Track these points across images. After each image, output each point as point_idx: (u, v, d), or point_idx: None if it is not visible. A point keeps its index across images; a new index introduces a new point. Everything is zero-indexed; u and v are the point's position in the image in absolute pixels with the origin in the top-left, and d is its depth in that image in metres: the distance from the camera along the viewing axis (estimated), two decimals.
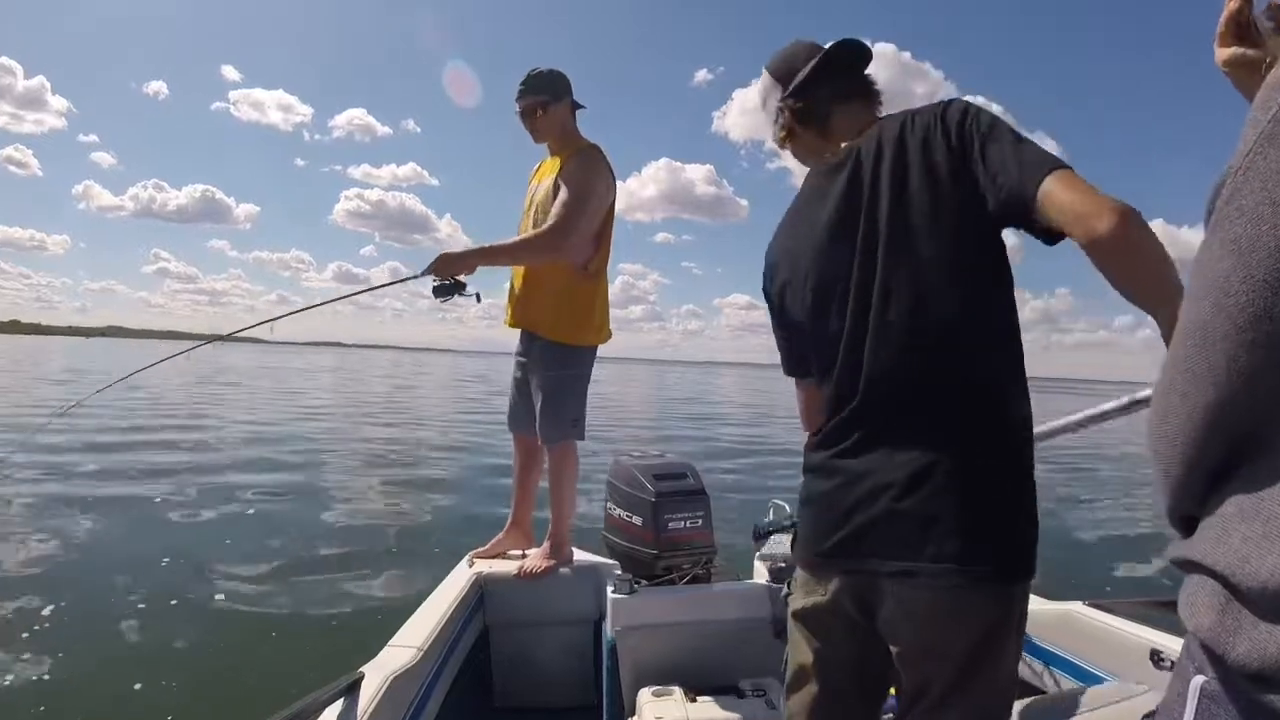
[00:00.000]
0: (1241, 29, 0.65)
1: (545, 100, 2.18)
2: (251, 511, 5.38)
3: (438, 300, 2.03)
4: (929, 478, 0.88)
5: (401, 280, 2.19)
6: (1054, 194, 0.82)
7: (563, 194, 2.08)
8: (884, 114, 1.09)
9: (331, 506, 5.77)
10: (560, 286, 2.16)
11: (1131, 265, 0.78)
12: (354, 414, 13.63)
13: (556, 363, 2.16)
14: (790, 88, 1.12)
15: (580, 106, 2.27)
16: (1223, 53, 0.66)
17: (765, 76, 1.17)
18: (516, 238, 2.12)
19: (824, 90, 1.09)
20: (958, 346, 0.91)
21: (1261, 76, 0.64)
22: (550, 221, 2.05)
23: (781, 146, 1.18)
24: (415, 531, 5.20)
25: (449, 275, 2.03)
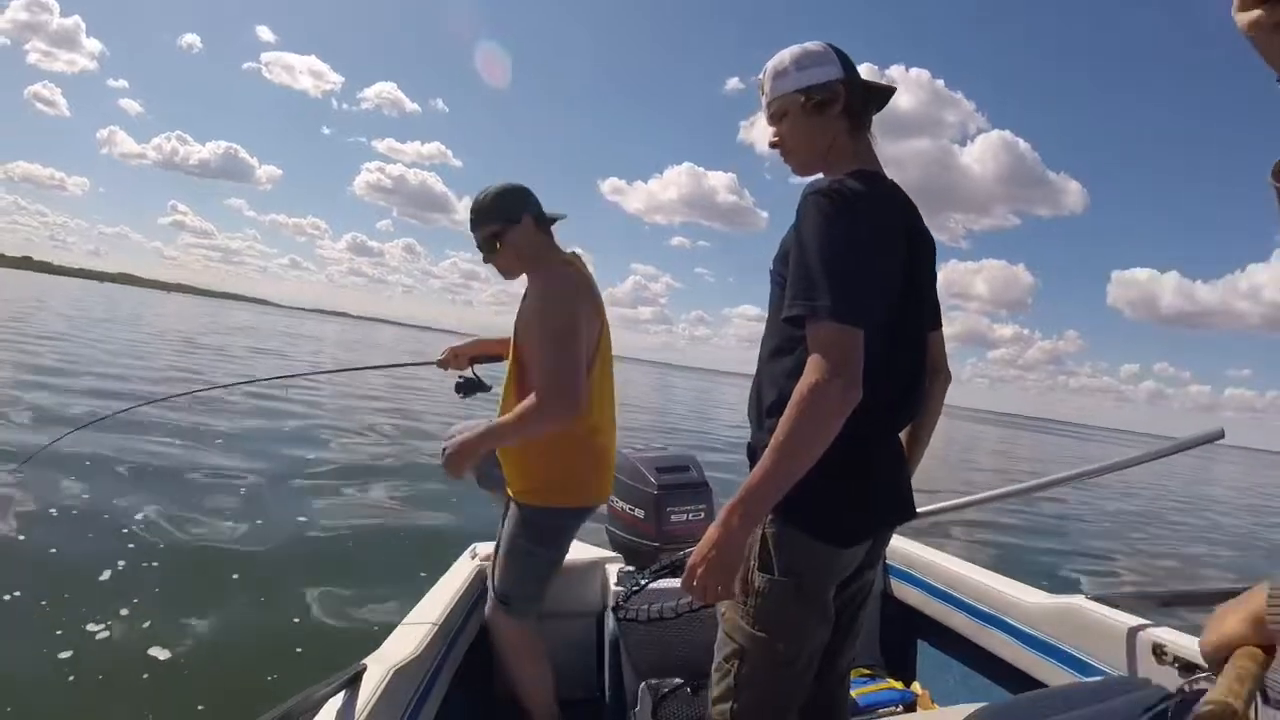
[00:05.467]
0: None
1: (498, 229, 1.79)
2: (248, 500, 5.32)
3: (459, 396, 2.10)
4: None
5: (418, 364, 2.30)
6: None
7: (537, 344, 1.69)
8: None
9: (332, 496, 5.70)
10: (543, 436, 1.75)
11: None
12: (353, 396, 13.55)
13: (521, 531, 1.78)
14: (856, 75, 1.17)
15: (553, 220, 1.85)
16: (1246, 16, 0.57)
17: (825, 48, 1.17)
18: (515, 412, 1.68)
19: (873, 106, 1.20)
20: None
21: None
22: (539, 385, 1.65)
23: (807, 111, 1.15)
24: (418, 523, 5.17)
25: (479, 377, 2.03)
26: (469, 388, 2.07)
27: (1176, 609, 1.60)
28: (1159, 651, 1.42)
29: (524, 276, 1.85)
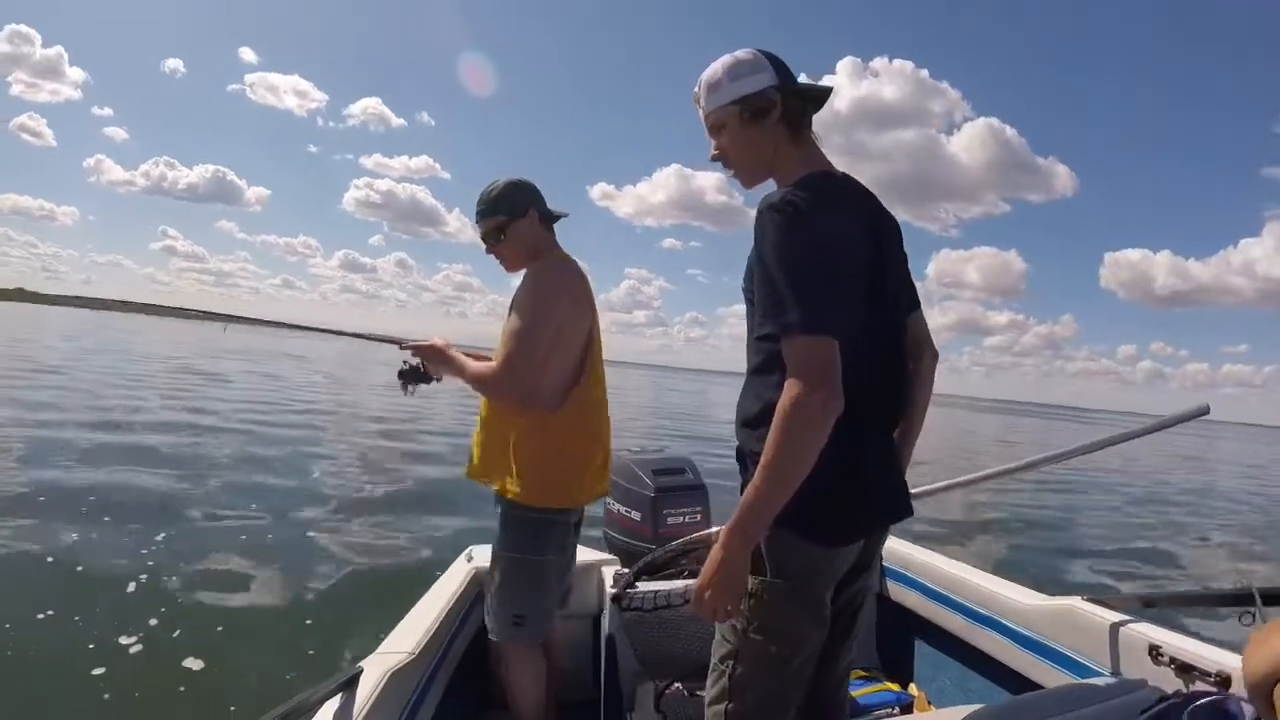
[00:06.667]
0: None
1: (503, 221, 1.82)
2: (250, 506, 5.34)
3: (399, 382, 1.97)
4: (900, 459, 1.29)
5: (385, 340, 2.15)
6: None
7: (509, 322, 1.73)
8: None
9: (329, 503, 5.74)
10: (521, 428, 1.76)
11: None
12: (350, 404, 13.57)
13: (514, 536, 1.77)
14: (791, 83, 1.17)
15: (556, 218, 1.91)
16: None
17: (756, 55, 1.16)
18: (479, 368, 1.78)
19: (810, 109, 1.18)
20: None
21: None
22: (498, 357, 1.72)
23: (745, 121, 1.15)
24: (414, 526, 5.21)
25: (427, 366, 1.91)
26: (411, 376, 1.95)
27: (1173, 610, 1.59)
28: (1155, 653, 1.42)
29: (522, 271, 1.87)
